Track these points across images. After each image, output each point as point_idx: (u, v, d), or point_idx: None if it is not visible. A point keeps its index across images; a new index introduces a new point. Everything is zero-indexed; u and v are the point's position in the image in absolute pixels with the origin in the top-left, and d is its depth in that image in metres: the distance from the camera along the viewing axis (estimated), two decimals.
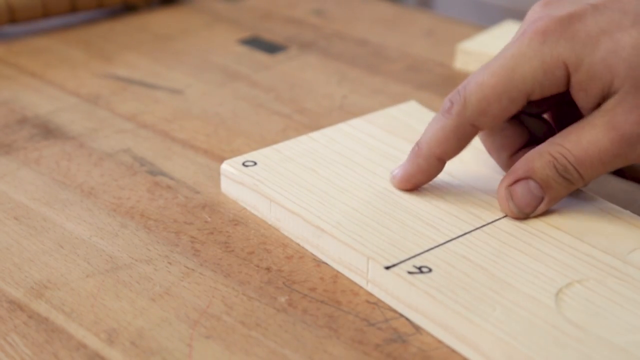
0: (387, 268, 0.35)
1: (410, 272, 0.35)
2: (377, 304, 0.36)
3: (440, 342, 0.34)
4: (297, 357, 0.33)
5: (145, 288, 0.36)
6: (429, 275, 0.35)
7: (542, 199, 0.38)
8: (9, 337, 0.34)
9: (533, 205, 0.38)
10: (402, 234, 0.37)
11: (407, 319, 0.35)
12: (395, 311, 0.35)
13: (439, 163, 0.39)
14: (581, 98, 0.37)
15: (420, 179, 0.40)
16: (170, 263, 0.38)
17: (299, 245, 0.40)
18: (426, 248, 0.36)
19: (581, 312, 0.33)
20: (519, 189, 0.38)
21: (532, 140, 0.41)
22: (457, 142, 0.38)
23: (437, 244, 0.37)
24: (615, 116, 0.35)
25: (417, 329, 0.34)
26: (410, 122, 0.47)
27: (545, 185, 0.37)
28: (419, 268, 0.35)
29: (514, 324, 0.32)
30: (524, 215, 0.38)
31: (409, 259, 0.36)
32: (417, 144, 0.39)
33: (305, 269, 0.38)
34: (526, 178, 0.37)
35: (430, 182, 0.41)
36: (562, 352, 0.31)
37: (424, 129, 0.46)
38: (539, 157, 0.37)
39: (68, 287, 0.36)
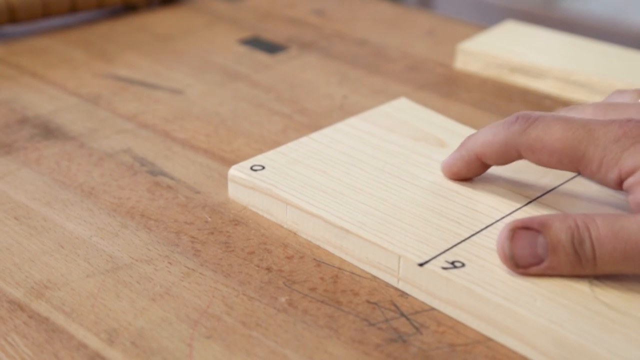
0: (421, 265, 0.36)
1: (444, 268, 0.35)
2: (377, 303, 0.36)
3: (440, 341, 0.34)
4: (298, 357, 0.33)
5: (146, 288, 0.37)
6: (463, 269, 0.35)
7: (541, 261, 0.34)
8: (9, 337, 0.34)
9: (529, 261, 0.34)
10: (426, 230, 0.38)
11: (408, 319, 0.35)
12: (395, 311, 0.35)
13: (477, 160, 0.40)
14: (632, 201, 0.36)
15: (460, 167, 0.41)
16: (170, 263, 0.38)
17: (299, 245, 0.40)
18: (454, 243, 0.37)
19: (617, 297, 0.34)
20: (524, 236, 0.34)
21: None
22: (497, 154, 0.38)
23: (463, 239, 0.37)
24: None
25: (417, 328, 0.35)
26: (405, 118, 0.48)
27: (552, 249, 0.34)
28: (452, 263, 0.35)
29: (558, 313, 0.33)
30: (514, 264, 0.35)
31: (440, 254, 0.36)
32: (470, 136, 0.40)
33: (306, 269, 0.38)
34: (538, 231, 0.34)
35: (442, 177, 0.42)
36: (611, 337, 0.31)
37: (418, 124, 0.47)
38: (563, 219, 0.34)
39: (68, 287, 0.37)
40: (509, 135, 0.38)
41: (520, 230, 0.35)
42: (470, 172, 0.41)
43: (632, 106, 0.40)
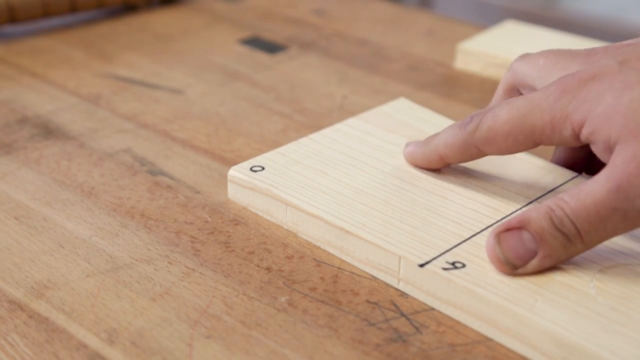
0: (421, 266, 0.35)
1: (445, 269, 0.35)
2: (377, 303, 0.36)
3: (440, 341, 0.34)
4: (298, 357, 0.33)
5: (146, 288, 0.37)
6: (464, 270, 0.35)
7: (535, 254, 0.35)
8: (9, 337, 0.34)
9: (524, 257, 0.35)
10: (427, 231, 0.38)
11: (408, 319, 0.35)
12: (395, 311, 0.35)
13: (440, 160, 0.41)
14: (596, 152, 0.36)
15: (420, 162, 0.42)
16: (170, 263, 0.38)
17: (299, 245, 0.40)
18: (454, 243, 0.37)
19: (618, 298, 0.34)
20: (510, 238, 0.35)
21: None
22: (460, 154, 0.40)
23: (463, 239, 0.37)
24: (614, 167, 0.34)
25: (417, 328, 0.35)
26: (405, 119, 0.48)
27: (539, 238, 0.35)
28: (453, 264, 0.35)
29: (559, 314, 0.33)
30: (511, 267, 0.35)
31: (440, 255, 0.36)
32: (434, 134, 0.42)
33: (306, 268, 0.38)
34: (520, 228, 0.35)
35: (443, 177, 0.42)
36: (612, 338, 0.31)
37: (418, 125, 0.47)
38: (537, 209, 0.35)
39: (68, 287, 0.37)
40: (466, 135, 0.39)
41: (504, 233, 0.35)
42: (431, 167, 0.42)
43: (577, 57, 0.40)
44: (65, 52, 0.61)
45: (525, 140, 0.37)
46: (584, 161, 0.43)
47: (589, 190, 0.34)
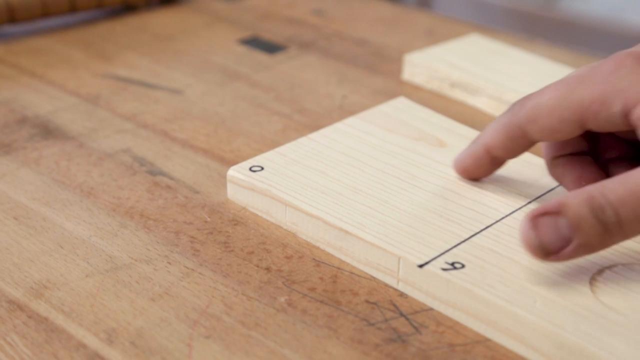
0: (421, 266, 0.35)
1: (444, 269, 0.35)
2: (376, 303, 0.36)
3: (439, 341, 0.34)
4: (297, 357, 0.33)
5: (145, 288, 0.36)
6: (463, 270, 0.35)
7: (569, 241, 0.33)
8: (9, 337, 0.34)
9: (558, 244, 0.33)
10: (426, 231, 0.38)
11: (407, 319, 0.35)
12: (394, 311, 0.35)
13: (486, 154, 0.39)
14: None
15: (470, 164, 0.40)
16: (169, 263, 0.38)
17: (298, 245, 0.40)
18: (453, 244, 0.37)
19: (618, 298, 0.34)
20: (546, 222, 0.33)
21: (587, 152, 0.40)
22: (504, 140, 0.38)
23: (462, 239, 0.37)
24: None
25: (417, 328, 0.35)
26: (404, 118, 0.48)
27: (575, 225, 0.32)
28: (452, 264, 0.35)
29: (558, 314, 0.33)
30: (545, 252, 0.33)
31: (439, 255, 0.36)
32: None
33: (305, 269, 0.38)
34: (556, 213, 0.33)
35: (442, 177, 0.42)
36: (611, 339, 0.31)
37: (418, 124, 0.47)
38: (577, 194, 0.33)
39: (68, 287, 0.36)
40: (510, 116, 0.37)
41: (540, 217, 0.33)
42: (480, 168, 0.40)
43: None
44: (65, 52, 0.61)
45: (570, 117, 0.35)
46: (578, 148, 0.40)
47: (639, 179, 0.32)
